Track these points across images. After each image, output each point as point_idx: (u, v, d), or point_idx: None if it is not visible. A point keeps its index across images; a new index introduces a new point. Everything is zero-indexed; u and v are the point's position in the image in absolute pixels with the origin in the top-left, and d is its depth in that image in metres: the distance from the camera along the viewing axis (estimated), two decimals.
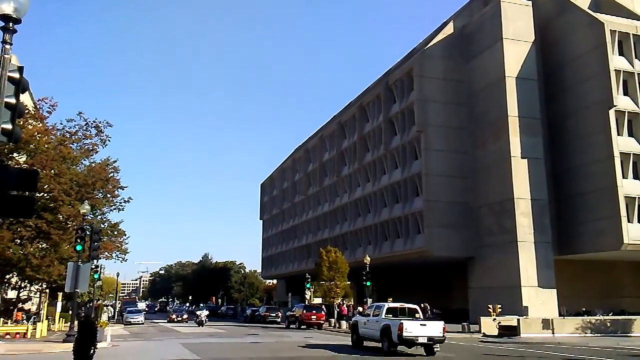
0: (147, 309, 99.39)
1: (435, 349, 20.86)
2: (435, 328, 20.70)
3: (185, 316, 60.06)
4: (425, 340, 20.36)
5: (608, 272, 50.89)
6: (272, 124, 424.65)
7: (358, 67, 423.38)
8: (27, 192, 8.88)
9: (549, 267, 46.77)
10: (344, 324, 44.95)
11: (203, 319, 49.09)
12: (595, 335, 34.06)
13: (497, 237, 49.07)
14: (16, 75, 8.27)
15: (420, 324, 20.85)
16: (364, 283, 42.69)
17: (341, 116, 75.35)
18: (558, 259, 47.81)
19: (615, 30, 47.71)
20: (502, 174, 48.90)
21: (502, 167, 49.01)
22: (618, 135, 45.87)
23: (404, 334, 20.17)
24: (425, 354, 20.94)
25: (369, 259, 44.72)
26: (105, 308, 60.17)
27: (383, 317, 22.60)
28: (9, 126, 7.94)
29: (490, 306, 37.29)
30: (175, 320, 57.87)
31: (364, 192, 65.85)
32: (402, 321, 20.66)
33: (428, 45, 56.49)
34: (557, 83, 51.62)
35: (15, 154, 30.31)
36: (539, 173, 48.49)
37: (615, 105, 45.50)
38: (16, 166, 25.34)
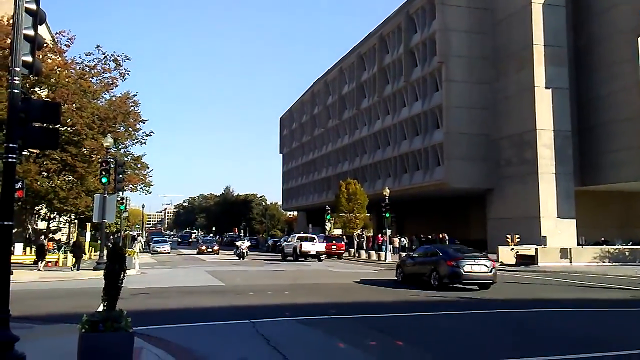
0: (180, 239, 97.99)
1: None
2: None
3: (216, 247, 55.10)
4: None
5: (628, 202, 50.76)
6: (293, 57, 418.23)
7: None
8: (51, 125, 9.09)
9: (569, 197, 46.75)
10: (363, 253, 46.04)
11: (244, 250, 43.12)
12: (613, 264, 34.36)
13: (517, 168, 48.91)
14: (33, 6, 8.25)
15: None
16: (383, 214, 43.20)
17: (361, 47, 73.80)
18: (578, 190, 47.71)
19: None
20: (524, 105, 48.11)
21: (525, 98, 48.16)
22: None
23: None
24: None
25: (388, 190, 45.08)
26: (138, 238, 61.37)
27: None
28: (29, 58, 8.00)
29: (509, 236, 37.67)
30: (206, 252, 53.01)
31: (383, 125, 65.47)
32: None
33: None
34: (585, 9, 49.67)
35: (36, 88, 30.69)
36: (563, 103, 47.58)
37: None
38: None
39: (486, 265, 19.19)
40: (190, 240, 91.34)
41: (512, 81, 50.21)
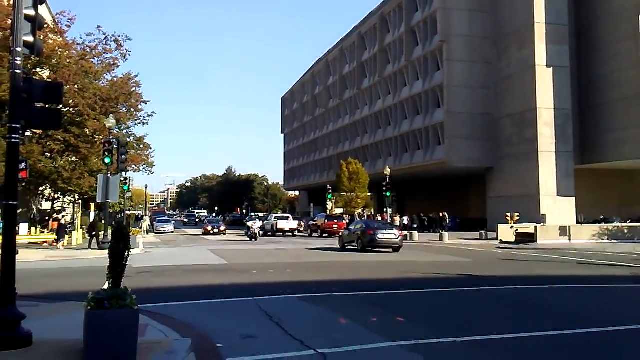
0: (186, 220, 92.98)
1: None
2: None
3: (222, 227, 51.00)
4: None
5: (628, 180, 50.89)
6: (294, 36, 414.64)
7: None
8: (53, 105, 9.15)
9: (569, 176, 46.86)
10: None
11: (256, 231, 38.85)
12: (612, 241, 34.57)
13: (518, 147, 48.94)
14: None
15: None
16: (384, 194, 43.37)
17: (361, 27, 73.27)
18: (578, 168, 47.80)
19: None
20: (525, 84, 47.96)
21: (526, 77, 47.99)
22: None
23: None
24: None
25: (389, 170, 45.18)
26: (144, 218, 61.24)
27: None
28: (30, 39, 7.99)
29: (508, 214, 37.86)
30: (212, 232, 49.17)
31: (384, 105, 65.32)
32: None
33: None
34: None
35: (38, 69, 30.63)
36: (564, 82, 47.41)
37: None
38: None
39: (394, 234, 27.05)
40: (197, 220, 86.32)
41: (513, 60, 49.96)
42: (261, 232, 41.42)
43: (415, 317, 10.00)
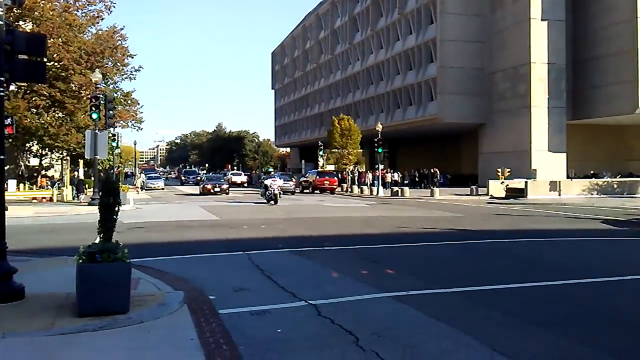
0: (184, 177, 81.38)
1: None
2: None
3: (225, 186, 42.72)
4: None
5: (618, 136, 51.13)
6: None
7: None
8: (37, 57, 8.91)
9: (561, 131, 46.98)
10: (356, 188, 46.48)
11: (277, 191, 29.77)
12: (602, 196, 34.95)
13: (510, 102, 48.80)
14: None
15: None
16: (376, 150, 43.31)
17: None
18: (569, 124, 47.89)
19: None
20: (519, 38, 47.42)
21: (520, 31, 47.40)
22: None
23: None
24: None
25: (381, 126, 45.00)
26: (140, 174, 60.34)
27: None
28: None
29: (499, 170, 38.05)
30: (212, 191, 41.05)
31: (376, 60, 64.51)
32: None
33: None
34: None
35: (21, 22, 29.85)
36: (558, 36, 46.93)
37: None
38: None
39: (290, 183, 40.48)
40: (199, 178, 66.14)
41: (508, 13, 49.22)
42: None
43: (406, 270, 10.11)
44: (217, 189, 41.17)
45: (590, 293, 8.44)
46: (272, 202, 29.18)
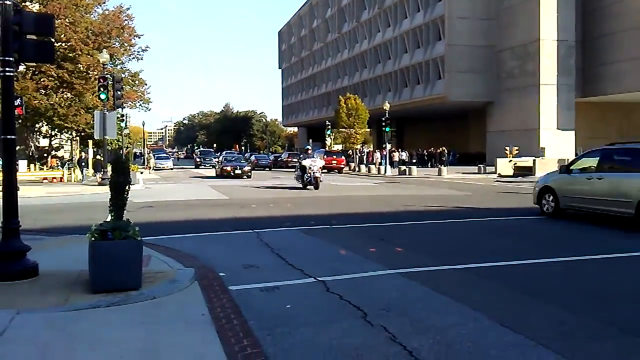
0: (200, 159, 67.28)
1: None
2: None
3: (246, 168, 37.76)
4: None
5: (627, 113, 50.67)
6: None
7: None
8: (45, 37, 8.94)
9: (570, 109, 46.61)
10: (363, 167, 46.50)
11: (317, 174, 25.02)
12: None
13: (519, 80, 48.37)
14: None
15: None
16: (383, 129, 43.21)
17: None
18: (578, 101, 47.49)
19: None
20: (529, 15, 46.82)
21: (529, 7, 46.78)
22: None
23: None
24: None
25: (388, 105, 44.81)
26: (151, 154, 60.33)
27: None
28: None
29: (507, 148, 37.87)
30: (233, 174, 36.15)
31: (384, 38, 63.95)
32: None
33: None
34: None
35: (27, 3, 29.80)
36: (568, 12, 46.29)
37: None
38: None
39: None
40: (216, 158, 53.05)
41: None
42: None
43: (414, 248, 10.17)
44: (237, 171, 36.56)
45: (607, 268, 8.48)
46: (312, 186, 24.79)
